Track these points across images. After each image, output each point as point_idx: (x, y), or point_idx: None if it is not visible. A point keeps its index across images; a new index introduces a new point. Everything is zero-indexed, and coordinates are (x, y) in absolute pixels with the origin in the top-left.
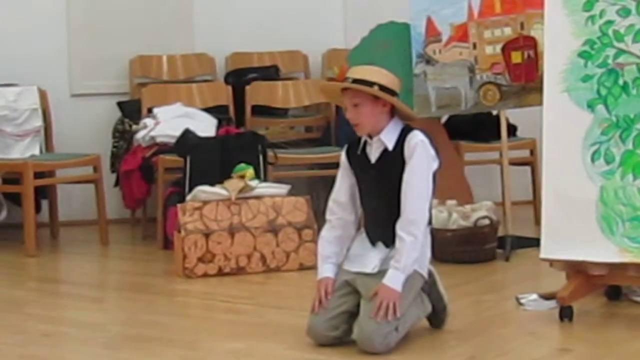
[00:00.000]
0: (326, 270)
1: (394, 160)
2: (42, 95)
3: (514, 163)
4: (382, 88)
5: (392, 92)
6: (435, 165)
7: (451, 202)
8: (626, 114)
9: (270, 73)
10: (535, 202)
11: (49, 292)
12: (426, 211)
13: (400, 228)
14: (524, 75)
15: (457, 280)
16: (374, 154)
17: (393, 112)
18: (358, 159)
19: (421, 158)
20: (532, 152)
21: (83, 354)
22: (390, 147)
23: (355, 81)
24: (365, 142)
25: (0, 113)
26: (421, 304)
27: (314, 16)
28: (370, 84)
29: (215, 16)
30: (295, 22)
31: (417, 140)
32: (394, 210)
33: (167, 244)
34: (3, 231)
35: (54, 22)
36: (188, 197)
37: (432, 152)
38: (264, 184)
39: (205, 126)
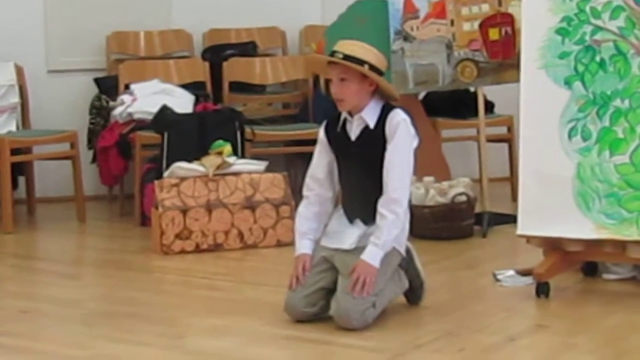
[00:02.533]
0: (303, 246)
1: (375, 138)
2: (19, 72)
3: (491, 140)
4: (372, 67)
5: (380, 72)
6: (415, 142)
7: (428, 179)
8: (603, 91)
9: (247, 49)
10: (512, 179)
11: (25, 268)
12: (408, 189)
13: (382, 206)
14: (501, 52)
15: (434, 256)
16: (354, 132)
17: (376, 90)
18: (337, 136)
19: (403, 137)
20: (509, 129)
21: (60, 330)
22: (372, 125)
23: (346, 57)
24: (345, 120)
25: None
26: (398, 281)
27: None
28: (362, 62)
29: None
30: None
31: (399, 119)
32: (373, 188)
33: (145, 221)
34: None
35: None
36: (165, 174)
37: (412, 130)
38: (241, 161)
39: (183, 103)
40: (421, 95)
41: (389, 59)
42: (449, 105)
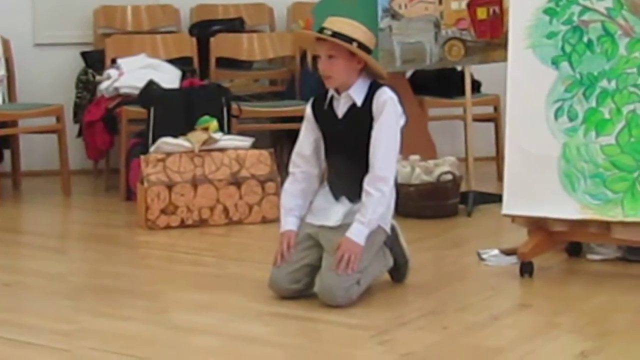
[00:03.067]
0: (289, 223)
1: (362, 115)
2: (5, 44)
3: (478, 119)
4: (360, 45)
5: (368, 50)
6: (402, 121)
7: (414, 157)
8: (590, 72)
9: (235, 25)
10: (498, 159)
11: (10, 242)
12: (394, 168)
13: (368, 184)
14: (489, 31)
15: (419, 235)
16: (341, 109)
17: (363, 68)
18: (324, 114)
19: (390, 115)
20: (495, 109)
21: (44, 304)
22: (359, 103)
23: (335, 34)
24: (332, 97)
25: None
26: (383, 258)
27: None
28: (350, 39)
29: None
30: None
31: (387, 97)
32: (359, 166)
33: (130, 196)
34: None
35: None
36: (151, 149)
37: (400, 109)
38: (227, 137)
39: (169, 78)
40: (408, 74)
41: (377, 37)
42: (436, 83)
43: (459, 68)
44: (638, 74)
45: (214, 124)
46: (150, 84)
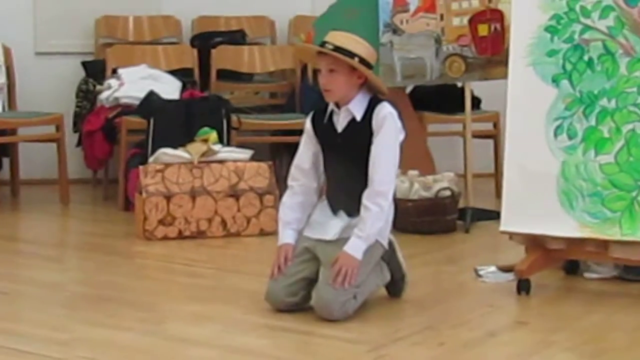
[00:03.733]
0: (287, 236)
1: (362, 130)
2: (6, 52)
3: (477, 135)
4: (362, 60)
5: (369, 66)
6: (401, 136)
7: (413, 173)
8: (590, 90)
9: (236, 37)
10: (496, 175)
11: (7, 250)
12: (393, 183)
13: (367, 198)
14: (490, 48)
15: (416, 250)
16: (340, 123)
17: (364, 83)
18: (324, 128)
19: (390, 130)
20: (495, 125)
21: (41, 312)
22: (359, 117)
23: (337, 48)
24: (332, 111)
25: None
26: (380, 273)
27: None
28: (352, 54)
29: None
30: None
31: (386, 112)
32: (358, 180)
33: (128, 206)
34: None
35: None
36: (150, 159)
37: (399, 124)
38: (226, 149)
39: (170, 89)
40: (408, 89)
41: (378, 52)
42: (435, 99)
43: (459, 84)
44: (638, 94)
45: (214, 135)
46: (151, 94)
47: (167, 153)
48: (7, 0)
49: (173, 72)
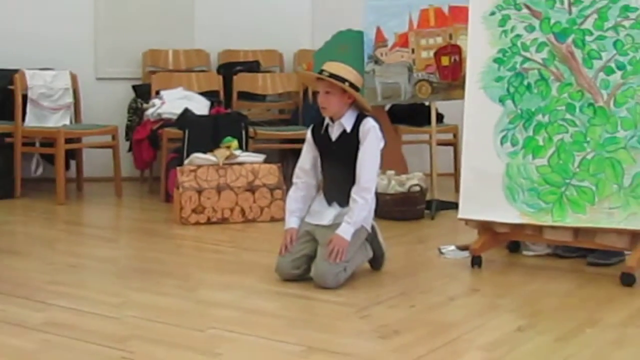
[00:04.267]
0: (292, 222)
1: (351, 139)
2: (73, 78)
3: (440, 143)
4: (351, 85)
5: (356, 89)
6: (382, 144)
7: (390, 172)
8: (528, 108)
9: (252, 66)
10: (455, 174)
11: (74, 232)
12: (375, 181)
13: (355, 193)
14: (450, 75)
15: (393, 233)
16: (334, 134)
17: (353, 102)
18: (321, 137)
19: (372, 140)
20: (454, 136)
21: (100, 281)
22: (349, 129)
23: (332, 75)
24: (328, 124)
25: (40, 91)
26: (365, 251)
27: (287, 23)
28: (343, 80)
29: (211, 20)
30: (273, 27)
31: (370, 125)
32: (348, 178)
33: (168, 198)
34: (40, 184)
35: (83, 18)
36: (185, 162)
37: (380, 134)
38: (245, 154)
39: (201, 106)
40: (387, 107)
41: (363, 78)
42: (408, 115)
43: (426, 103)
44: (566, 111)
45: (235, 143)
46: (186, 111)
47: (198, 157)
48: (73, 36)
49: (203, 93)
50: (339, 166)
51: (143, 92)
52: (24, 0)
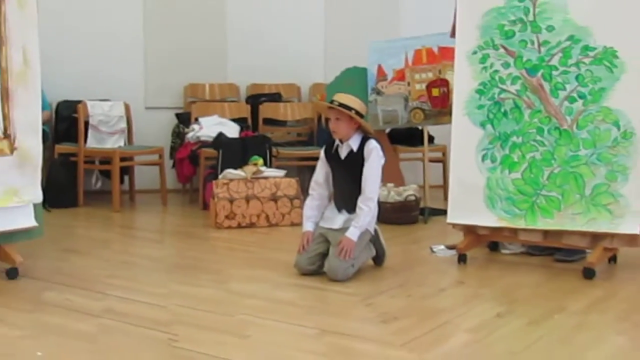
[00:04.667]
0: (308, 226)
1: (357, 158)
2: (126, 107)
3: (432, 160)
4: (357, 113)
5: (361, 116)
6: (383, 161)
7: (390, 184)
8: (505, 131)
9: (275, 97)
10: (444, 186)
11: (127, 235)
12: (377, 191)
13: (360, 201)
14: (440, 104)
15: (392, 235)
16: (343, 153)
17: (359, 127)
18: (332, 156)
19: (375, 158)
20: (443, 154)
21: (149, 275)
22: (355, 149)
23: (341, 105)
24: (337, 145)
25: (99, 118)
26: (369, 250)
27: (304, 61)
28: (350, 108)
29: (241, 59)
30: (292, 65)
31: (373, 146)
32: (354, 190)
33: (205, 206)
34: (99, 195)
35: (136, 58)
36: (220, 177)
37: (381, 153)
38: (269, 169)
39: (232, 131)
40: (387, 130)
41: (367, 106)
42: (404, 137)
43: (420, 127)
44: (536, 133)
45: (261, 161)
46: (220, 134)
47: (230, 172)
48: (127, 72)
49: (234, 120)
50: (347, 180)
51: (184, 119)
52: (86, 43)
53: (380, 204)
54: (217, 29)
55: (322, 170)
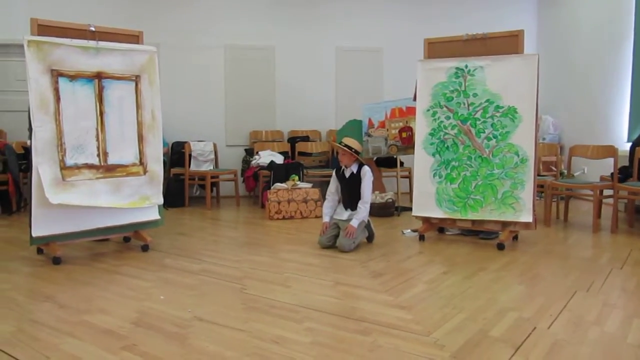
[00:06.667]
0: (326, 218)
1: (356, 177)
2: (214, 145)
3: (402, 177)
4: (355, 151)
5: (358, 152)
6: (372, 178)
7: (377, 192)
8: (447, 158)
9: (305, 138)
10: (410, 193)
11: (215, 224)
12: (370, 197)
13: (360, 203)
14: (407, 142)
15: (378, 223)
16: (347, 174)
17: (357, 159)
18: (340, 175)
19: (368, 177)
20: (409, 173)
21: (228, 249)
22: (355, 172)
23: (345, 145)
24: (343, 169)
25: (197, 152)
26: (364, 232)
27: (322, 115)
28: (351, 148)
29: (284, 112)
30: (315, 118)
31: (366, 170)
32: (355, 197)
33: (263, 206)
34: (198, 200)
35: (218, 114)
36: (272, 188)
37: (371, 174)
38: (302, 183)
39: (279, 159)
40: (374, 158)
41: (362, 144)
42: (385, 162)
43: (395, 156)
44: (467, 160)
45: (296, 178)
46: (272, 162)
47: (278, 185)
48: (213, 121)
49: (280, 152)
50: (350, 191)
51: (250, 152)
52: (188, 98)
53: (371, 204)
54: (269, 87)
55: (333, 184)
